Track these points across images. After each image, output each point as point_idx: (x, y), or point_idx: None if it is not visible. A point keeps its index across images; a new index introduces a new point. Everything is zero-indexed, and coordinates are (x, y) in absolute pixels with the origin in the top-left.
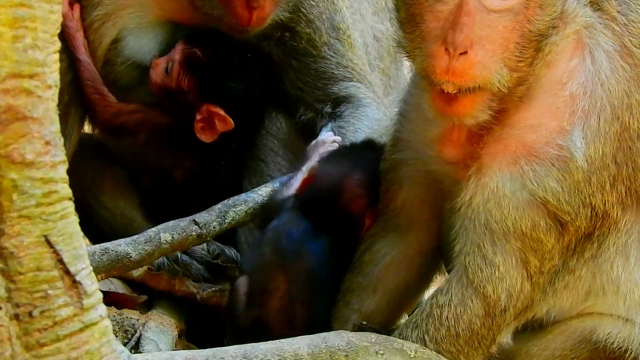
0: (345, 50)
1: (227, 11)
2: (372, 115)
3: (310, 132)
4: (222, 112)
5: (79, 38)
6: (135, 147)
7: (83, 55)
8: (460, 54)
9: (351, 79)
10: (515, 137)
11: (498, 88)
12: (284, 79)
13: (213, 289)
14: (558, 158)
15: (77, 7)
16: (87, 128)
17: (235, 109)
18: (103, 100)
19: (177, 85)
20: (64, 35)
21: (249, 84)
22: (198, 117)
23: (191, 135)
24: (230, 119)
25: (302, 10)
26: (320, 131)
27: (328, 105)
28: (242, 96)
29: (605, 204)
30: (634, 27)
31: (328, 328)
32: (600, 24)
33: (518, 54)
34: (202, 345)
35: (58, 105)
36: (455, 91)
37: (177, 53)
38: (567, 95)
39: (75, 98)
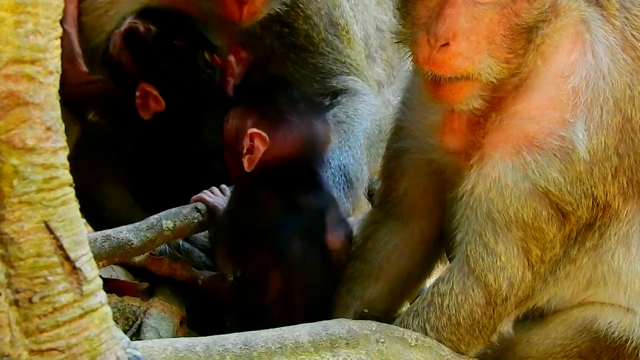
0: (344, 47)
1: (217, 5)
2: (369, 100)
3: None
4: (154, 92)
5: (70, 9)
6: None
7: (68, 25)
8: (442, 45)
9: (348, 74)
10: (518, 127)
11: (487, 79)
12: (284, 71)
13: (214, 273)
14: (560, 149)
15: None
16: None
17: (170, 92)
18: (73, 69)
19: (118, 58)
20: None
21: (185, 70)
22: (137, 93)
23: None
24: (162, 100)
25: (300, 6)
26: None
27: (327, 99)
28: (177, 81)
29: (607, 195)
30: (637, 21)
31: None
32: (600, 19)
33: (506, 46)
34: (203, 333)
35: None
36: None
37: (124, 25)
38: (569, 88)
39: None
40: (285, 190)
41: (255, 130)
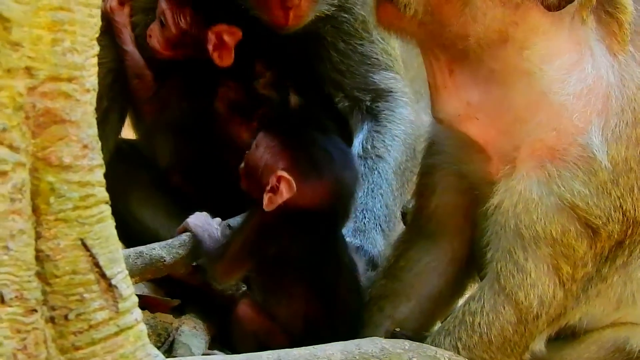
0: (390, 39)
1: (263, 12)
2: (407, 116)
3: (344, 122)
4: (225, 26)
5: (126, 32)
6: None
7: (130, 46)
8: None
9: (392, 68)
10: (539, 139)
11: (409, 8)
12: (327, 64)
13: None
14: (581, 159)
15: (128, 5)
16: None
17: (239, 24)
18: (142, 83)
19: (178, 30)
20: (112, 30)
21: None
22: (210, 46)
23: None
24: (236, 28)
25: None
26: (356, 129)
27: (368, 97)
28: (239, 7)
29: (635, 210)
30: None
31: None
32: (608, 32)
33: None
34: (234, 350)
35: (96, 111)
36: None
37: (161, 3)
38: (581, 97)
39: (114, 104)
40: (305, 233)
41: (285, 174)
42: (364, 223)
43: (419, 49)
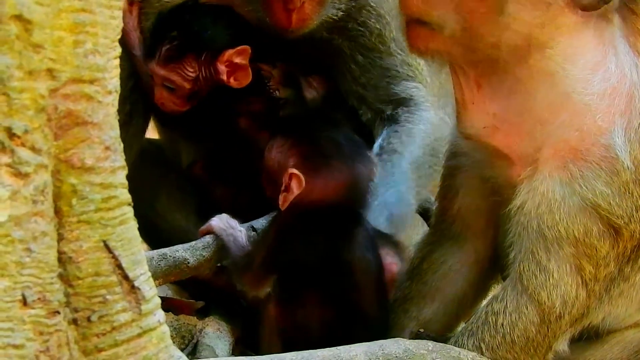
0: None
1: (267, 14)
2: (428, 118)
3: (367, 133)
4: (230, 50)
5: (134, 35)
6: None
7: (138, 50)
8: None
9: (414, 79)
10: (562, 139)
11: (445, 28)
12: (347, 77)
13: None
14: (604, 159)
15: (136, 7)
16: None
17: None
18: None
19: (191, 82)
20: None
21: (224, 22)
22: (224, 77)
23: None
24: (244, 45)
25: (372, 4)
26: (377, 135)
27: (389, 107)
28: (229, 36)
29: None
30: None
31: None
32: (633, 30)
33: (473, 5)
34: (258, 352)
35: (119, 114)
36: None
37: (156, 71)
38: (604, 97)
39: (136, 107)
40: (327, 229)
41: (295, 171)
42: (374, 212)
43: (448, 67)
